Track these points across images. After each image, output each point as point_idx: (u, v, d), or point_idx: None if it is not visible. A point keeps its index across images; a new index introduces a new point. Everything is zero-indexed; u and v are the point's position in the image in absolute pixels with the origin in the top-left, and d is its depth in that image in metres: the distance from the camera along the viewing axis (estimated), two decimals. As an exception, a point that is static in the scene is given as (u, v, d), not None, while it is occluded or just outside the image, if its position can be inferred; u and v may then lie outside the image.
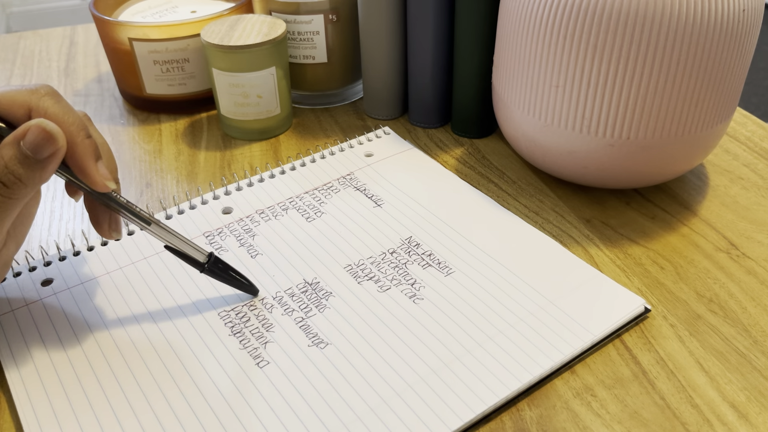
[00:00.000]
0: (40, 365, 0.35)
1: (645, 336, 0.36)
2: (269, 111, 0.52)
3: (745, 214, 0.44)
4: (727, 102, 0.41)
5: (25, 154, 0.31)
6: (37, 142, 0.31)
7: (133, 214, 0.35)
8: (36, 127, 0.31)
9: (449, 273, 0.39)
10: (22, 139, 0.31)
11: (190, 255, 0.37)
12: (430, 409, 0.32)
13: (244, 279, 0.38)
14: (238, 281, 0.38)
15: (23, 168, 0.31)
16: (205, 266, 0.37)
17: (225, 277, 0.37)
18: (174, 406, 0.32)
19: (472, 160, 0.50)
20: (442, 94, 0.53)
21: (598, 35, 0.38)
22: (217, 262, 0.37)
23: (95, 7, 0.56)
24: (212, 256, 0.37)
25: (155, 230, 0.36)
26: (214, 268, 0.37)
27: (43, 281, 0.40)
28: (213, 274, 0.37)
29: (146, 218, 0.36)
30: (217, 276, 0.37)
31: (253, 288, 0.38)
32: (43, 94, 0.32)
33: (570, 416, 0.32)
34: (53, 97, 0.33)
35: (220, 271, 0.37)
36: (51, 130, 0.31)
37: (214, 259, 0.37)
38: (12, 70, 0.67)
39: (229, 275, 0.38)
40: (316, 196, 0.46)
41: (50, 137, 0.31)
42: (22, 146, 0.31)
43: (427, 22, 0.49)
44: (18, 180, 0.31)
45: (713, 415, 0.32)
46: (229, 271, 0.38)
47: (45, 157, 0.31)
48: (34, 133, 0.30)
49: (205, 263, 0.37)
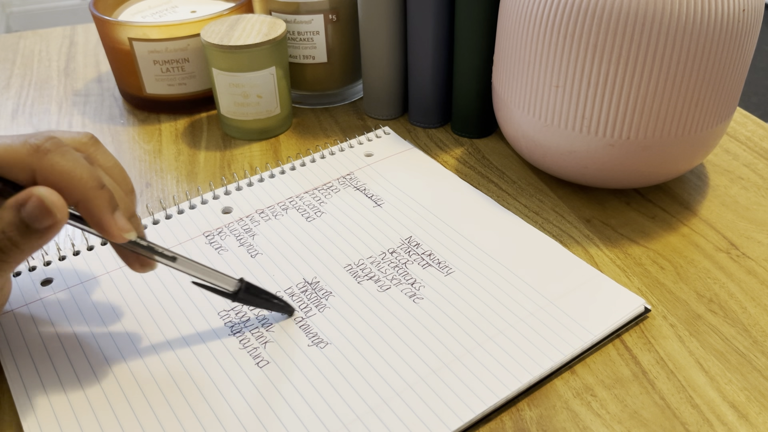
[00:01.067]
0: (39, 365, 0.35)
1: (645, 336, 0.36)
2: (269, 111, 0.52)
3: (745, 214, 0.44)
4: (727, 102, 0.41)
5: (24, 222, 0.29)
6: (35, 214, 0.29)
7: (157, 254, 0.34)
8: (36, 198, 0.29)
9: (449, 273, 0.39)
10: (23, 206, 0.29)
11: (220, 287, 0.35)
12: (430, 409, 0.32)
13: (279, 300, 0.37)
14: (273, 303, 0.36)
15: (20, 236, 0.30)
16: (238, 295, 0.35)
17: (258, 302, 0.36)
18: (174, 406, 0.32)
19: (472, 160, 0.50)
20: (442, 94, 0.53)
21: (598, 35, 0.38)
22: (249, 288, 0.36)
23: (95, 7, 0.56)
24: (243, 282, 0.36)
25: (181, 266, 0.34)
26: (246, 296, 0.36)
27: (43, 281, 0.40)
28: (246, 302, 0.36)
29: (171, 256, 0.34)
30: (250, 302, 0.36)
31: (289, 307, 0.37)
32: (46, 151, 0.30)
33: (570, 416, 0.32)
34: (58, 151, 0.30)
35: (253, 297, 0.36)
36: (50, 205, 0.29)
37: (245, 286, 0.36)
38: (12, 70, 0.67)
39: (263, 299, 0.36)
40: (316, 196, 0.46)
41: (48, 211, 0.29)
42: (22, 213, 0.29)
43: (427, 21, 0.49)
44: (14, 246, 0.30)
45: (713, 415, 0.32)
46: (262, 294, 0.36)
47: (43, 228, 0.30)
48: (33, 205, 0.29)
49: (237, 291, 0.35)
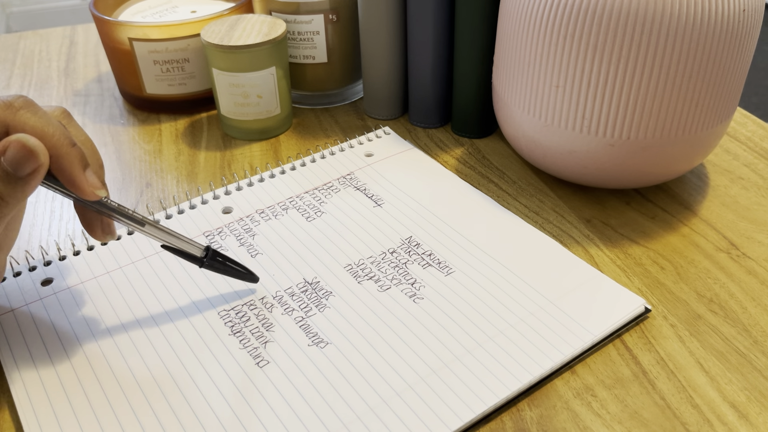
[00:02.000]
0: (40, 365, 0.35)
1: (645, 336, 0.36)
2: (269, 111, 0.52)
3: (745, 214, 0.44)
4: (727, 102, 0.41)
5: (6, 171, 0.29)
6: (17, 159, 0.29)
7: (126, 216, 0.35)
8: (16, 142, 0.29)
9: (449, 273, 0.39)
10: (2, 155, 0.29)
11: (188, 251, 0.37)
12: (430, 409, 0.32)
13: (243, 268, 0.38)
14: (238, 271, 0.38)
15: (4, 185, 0.30)
16: (204, 260, 0.37)
17: (224, 269, 0.38)
18: (174, 406, 0.32)
19: (472, 160, 0.50)
20: (442, 94, 0.53)
21: (598, 35, 0.38)
22: (215, 255, 0.37)
23: (95, 7, 0.56)
24: (209, 249, 0.37)
25: (150, 230, 0.36)
26: (212, 262, 0.37)
27: (43, 281, 0.40)
28: (212, 268, 0.37)
29: (139, 219, 0.35)
30: (217, 269, 0.37)
31: (253, 276, 0.38)
32: (18, 107, 0.30)
33: (570, 416, 0.32)
34: (30, 108, 0.31)
35: (219, 264, 0.37)
36: (32, 146, 0.29)
37: (211, 253, 0.37)
38: (12, 70, 0.67)
39: (228, 266, 0.38)
40: (316, 196, 0.46)
41: (31, 153, 0.29)
42: (2, 163, 0.29)
43: (427, 22, 0.49)
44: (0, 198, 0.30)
45: (713, 415, 0.32)
46: (228, 262, 0.38)
47: (26, 174, 0.30)
48: (15, 149, 0.29)
49: (204, 257, 0.37)
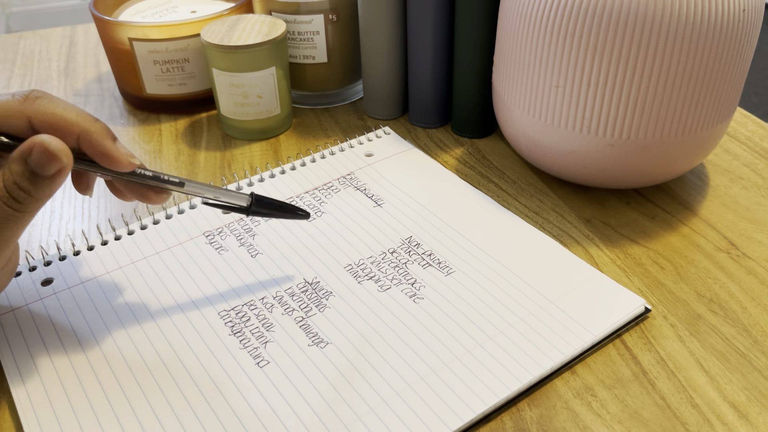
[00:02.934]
0: (40, 365, 0.35)
1: (645, 336, 0.36)
2: (269, 111, 0.52)
3: (745, 214, 0.45)
4: (727, 102, 0.41)
5: (33, 171, 0.31)
6: (42, 161, 0.31)
7: (165, 182, 0.36)
8: (39, 145, 0.30)
9: (449, 273, 0.39)
10: (29, 156, 0.31)
11: (233, 204, 0.37)
12: (430, 409, 0.32)
13: (292, 207, 0.38)
14: (287, 212, 0.38)
15: (32, 184, 0.31)
16: (250, 209, 0.37)
17: (271, 213, 0.38)
18: (174, 406, 0.32)
19: (472, 160, 0.50)
20: (442, 94, 0.53)
21: (598, 35, 0.38)
22: (260, 201, 0.37)
23: (95, 7, 0.56)
24: (254, 196, 0.37)
25: (190, 189, 0.36)
26: (258, 209, 0.37)
27: (43, 281, 0.40)
28: (259, 214, 0.37)
29: (178, 181, 0.36)
30: (264, 214, 0.38)
31: (304, 213, 0.39)
32: (34, 98, 0.32)
33: (570, 416, 0.32)
34: (46, 97, 0.32)
35: (266, 209, 0.37)
36: (54, 150, 0.31)
37: (256, 200, 0.37)
38: (12, 70, 0.67)
39: (276, 209, 0.38)
40: (317, 196, 0.46)
41: (54, 156, 0.31)
42: (29, 163, 0.31)
43: (427, 22, 0.49)
44: (29, 195, 0.31)
45: (713, 415, 0.32)
46: (275, 205, 0.38)
47: (52, 174, 0.31)
48: (38, 152, 0.30)
49: (249, 206, 0.37)
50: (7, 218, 0.31)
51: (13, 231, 0.32)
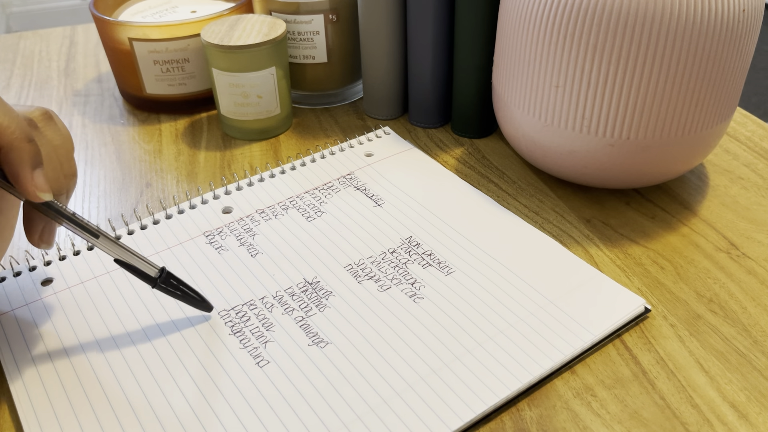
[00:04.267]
0: (40, 365, 0.35)
1: (645, 336, 0.36)
2: (269, 111, 0.52)
3: (745, 214, 0.45)
4: (727, 102, 0.41)
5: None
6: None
7: (80, 226, 0.33)
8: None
9: (449, 273, 0.39)
10: None
11: (142, 270, 0.35)
12: (430, 409, 0.32)
13: (197, 295, 0.36)
14: (192, 297, 0.36)
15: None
16: (157, 281, 0.35)
17: (178, 294, 0.36)
18: (174, 406, 0.32)
19: (472, 160, 0.50)
20: (442, 94, 0.53)
21: (598, 35, 0.38)
22: (170, 277, 0.36)
23: (95, 7, 0.56)
24: (164, 270, 0.35)
25: (103, 244, 0.34)
26: (165, 284, 0.35)
27: (43, 281, 0.40)
28: (165, 290, 0.36)
29: (94, 231, 0.34)
30: (170, 292, 0.36)
31: (207, 305, 0.37)
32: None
33: (570, 416, 0.32)
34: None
35: (173, 288, 0.36)
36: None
37: (166, 274, 0.35)
38: (12, 70, 0.67)
39: (182, 291, 0.36)
40: (317, 196, 0.46)
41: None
42: None
43: (427, 22, 0.49)
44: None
45: (713, 415, 0.32)
46: (182, 286, 0.36)
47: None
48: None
49: (157, 278, 0.35)
50: None
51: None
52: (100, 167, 0.51)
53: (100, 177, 0.50)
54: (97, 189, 0.49)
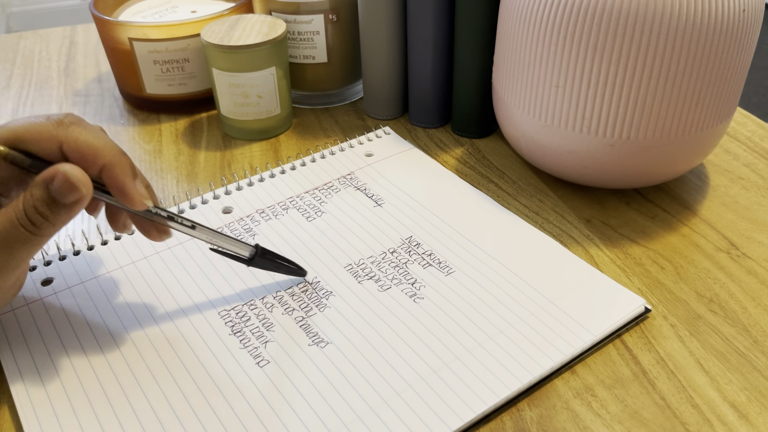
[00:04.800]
0: (40, 365, 0.35)
1: (645, 336, 0.36)
2: (269, 111, 0.52)
3: (745, 214, 0.45)
4: (727, 102, 0.41)
5: (53, 198, 0.31)
6: (63, 190, 0.31)
7: (177, 222, 0.36)
8: (62, 174, 0.31)
9: (449, 272, 0.39)
10: (51, 182, 0.31)
11: (237, 254, 0.37)
12: (430, 409, 0.32)
13: (292, 264, 0.39)
14: (286, 266, 0.39)
15: (50, 210, 0.31)
16: (254, 259, 0.38)
17: (272, 266, 0.38)
18: (174, 406, 0.32)
19: (472, 160, 0.50)
20: (442, 94, 0.53)
21: (598, 35, 0.38)
22: (264, 254, 0.38)
23: (95, 7, 0.56)
24: (258, 248, 0.38)
25: (200, 234, 0.36)
26: (261, 261, 0.38)
27: (43, 281, 0.40)
28: (261, 266, 0.38)
29: (190, 225, 0.36)
30: (266, 267, 0.38)
31: (301, 270, 0.39)
32: (69, 124, 0.33)
33: (570, 416, 0.32)
34: (80, 124, 0.33)
35: (268, 261, 0.38)
36: (75, 181, 0.31)
37: (260, 251, 0.38)
38: (12, 70, 0.67)
39: (277, 263, 0.38)
40: (317, 196, 0.46)
41: (74, 187, 0.31)
42: (50, 189, 0.31)
43: (427, 22, 0.49)
44: (45, 220, 0.31)
45: (713, 415, 0.32)
46: (277, 259, 0.38)
47: (71, 203, 0.32)
48: (60, 180, 0.31)
49: (252, 258, 0.38)
50: (23, 240, 0.31)
51: (26, 252, 0.32)
52: (100, 167, 0.51)
53: (100, 177, 0.50)
54: (97, 189, 0.49)
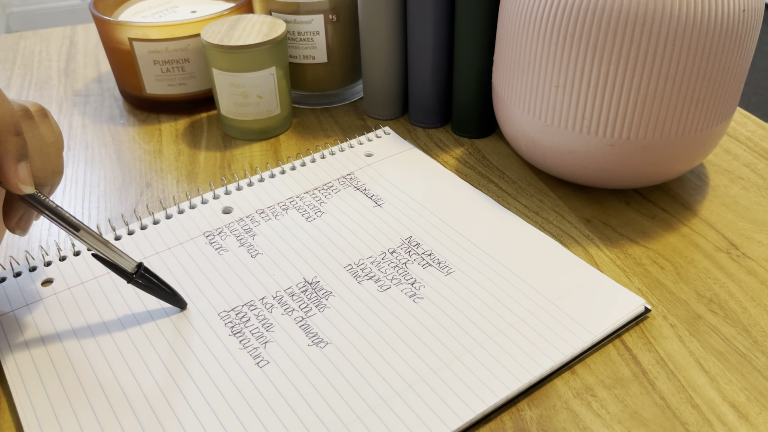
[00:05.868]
0: (40, 365, 0.35)
1: (645, 336, 0.36)
2: (269, 111, 0.52)
3: (745, 214, 0.45)
4: (727, 102, 0.41)
5: None
6: None
7: (61, 218, 0.34)
8: None
9: (449, 273, 0.39)
10: None
11: (119, 264, 0.36)
12: (430, 409, 0.32)
13: (172, 291, 0.37)
14: (166, 293, 0.37)
15: None
16: (133, 276, 0.36)
17: (153, 289, 0.36)
18: (174, 406, 0.32)
19: (472, 160, 0.50)
20: (442, 94, 0.53)
21: (598, 35, 0.38)
22: (147, 273, 0.36)
23: (95, 7, 0.56)
24: (141, 266, 0.36)
25: (84, 237, 0.35)
26: (141, 279, 0.36)
27: (43, 281, 0.40)
28: (141, 286, 0.36)
29: (75, 224, 0.34)
30: (145, 288, 0.36)
31: (181, 301, 0.37)
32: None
33: (570, 416, 0.32)
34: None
35: (149, 283, 0.36)
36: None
37: (143, 270, 0.36)
38: (12, 70, 0.67)
39: (157, 287, 0.36)
40: (317, 196, 0.46)
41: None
42: None
43: (427, 22, 0.49)
44: None
45: (713, 415, 0.32)
46: (157, 282, 0.36)
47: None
48: None
49: (133, 274, 0.36)
50: None
51: None
52: (100, 167, 0.51)
53: (100, 177, 0.50)
54: (97, 189, 0.49)
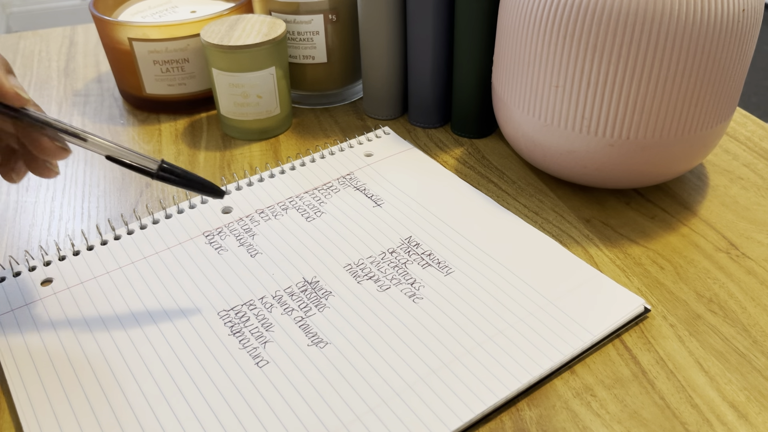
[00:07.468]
0: (40, 365, 0.35)
1: (645, 336, 0.36)
2: (269, 111, 0.52)
3: (745, 214, 0.44)
4: (727, 102, 0.41)
5: None
6: None
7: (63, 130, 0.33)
8: None
9: (449, 273, 0.39)
10: None
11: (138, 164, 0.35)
12: (430, 409, 0.32)
13: (202, 180, 0.36)
14: (197, 184, 0.36)
15: None
16: (158, 171, 0.35)
17: (181, 181, 0.35)
18: (174, 406, 0.32)
19: (472, 160, 0.50)
20: (442, 94, 0.53)
21: (598, 35, 0.38)
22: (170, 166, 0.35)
23: (95, 7, 0.56)
24: (163, 161, 0.35)
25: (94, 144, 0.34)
26: (166, 173, 0.35)
27: (43, 281, 0.40)
28: (169, 180, 0.35)
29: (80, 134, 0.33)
30: (173, 180, 0.35)
31: (215, 189, 0.36)
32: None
33: (570, 416, 0.32)
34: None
35: (175, 175, 0.35)
36: None
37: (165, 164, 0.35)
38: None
39: (185, 178, 0.36)
40: (316, 196, 0.46)
41: None
42: None
43: (427, 22, 0.49)
44: None
45: (713, 415, 0.32)
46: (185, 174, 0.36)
47: None
48: None
49: (157, 168, 0.35)
50: None
51: None
52: (99, 167, 0.51)
53: (99, 177, 0.50)
54: (96, 189, 0.49)
